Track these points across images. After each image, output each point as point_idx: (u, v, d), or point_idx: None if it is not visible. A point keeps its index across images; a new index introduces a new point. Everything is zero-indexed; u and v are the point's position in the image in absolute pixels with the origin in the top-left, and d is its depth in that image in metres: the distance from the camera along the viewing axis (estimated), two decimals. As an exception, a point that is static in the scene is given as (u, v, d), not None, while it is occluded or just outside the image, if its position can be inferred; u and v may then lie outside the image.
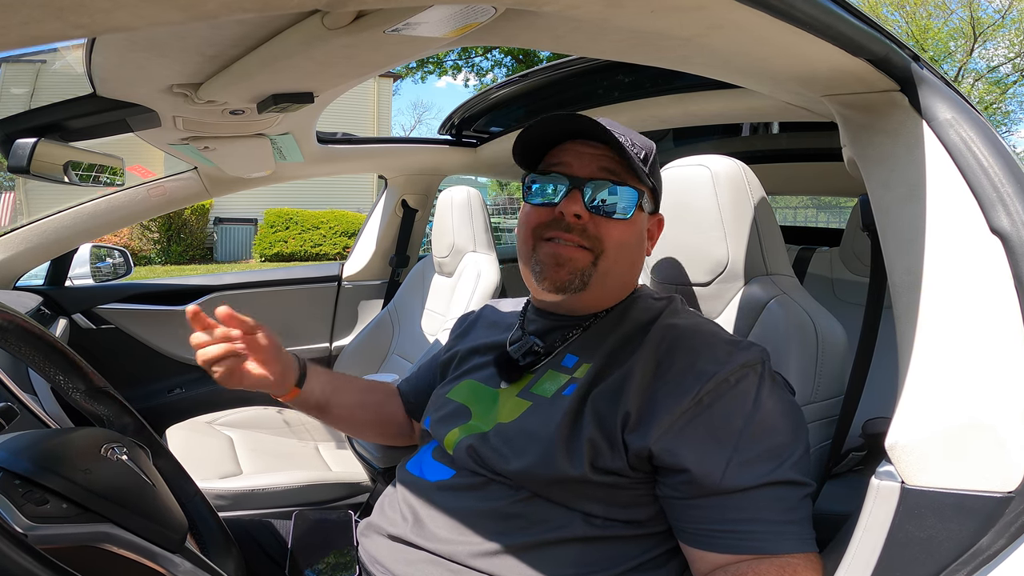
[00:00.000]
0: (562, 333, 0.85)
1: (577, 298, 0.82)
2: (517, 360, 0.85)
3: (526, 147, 0.83)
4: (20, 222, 1.77)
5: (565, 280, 0.79)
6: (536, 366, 0.84)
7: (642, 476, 0.73)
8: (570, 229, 0.79)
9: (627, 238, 0.81)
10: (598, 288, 0.81)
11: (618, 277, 0.84)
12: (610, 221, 0.79)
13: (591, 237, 0.79)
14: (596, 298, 0.84)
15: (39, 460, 0.62)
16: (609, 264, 0.80)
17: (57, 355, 0.74)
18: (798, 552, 0.66)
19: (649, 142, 0.86)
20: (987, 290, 0.61)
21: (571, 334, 0.85)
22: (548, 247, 0.80)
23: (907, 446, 0.60)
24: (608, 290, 0.84)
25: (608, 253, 0.80)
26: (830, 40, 0.60)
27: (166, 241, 11.98)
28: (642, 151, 0.83)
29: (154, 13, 0.31)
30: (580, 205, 0.78)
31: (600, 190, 0.79)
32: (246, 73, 0.86)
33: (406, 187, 2.28)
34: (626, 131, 0.83)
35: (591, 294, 0.82)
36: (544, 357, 0.84)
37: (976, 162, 0.64)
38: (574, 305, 0.85)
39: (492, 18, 0.62)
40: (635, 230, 0.82)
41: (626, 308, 0.85)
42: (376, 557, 0.81)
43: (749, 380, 0.72)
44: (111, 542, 0.61)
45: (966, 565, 0.57)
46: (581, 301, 0.83)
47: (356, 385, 1.06)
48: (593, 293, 0.82)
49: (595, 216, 0.79)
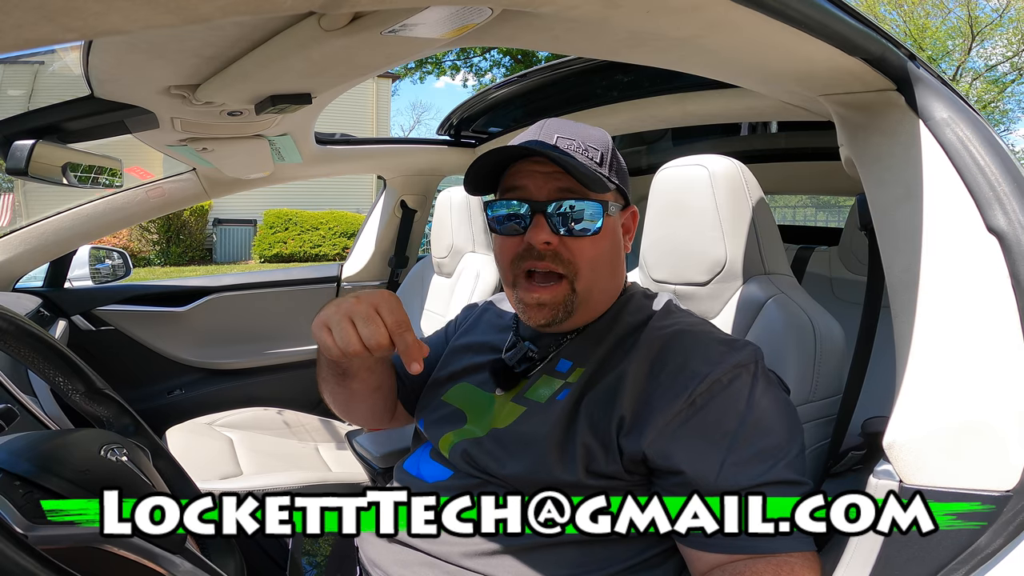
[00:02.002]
0: (555, 339, 0.85)
1: (574, 320, 0.82)
2: (512, 367, 0.85)
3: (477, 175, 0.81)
4: (19, 224, 1.77)
5: (549, 318, 0.80)
6: (531, 372, 0.84)
7: (638, 479, 0.73)
8: (543, 257, 0.77)
9: (600, 251, 0.80)
10: (584, 308, 0.82)
11: (601, 289, 0.83)
12: (580, 239, 0.78)
13: (564, 261, 0.78)
14: (584, 315, 0.84)
15: (39, 461, 0.62)
16: (587, 283, 0.80)
17: (57, 357, 0.74)
18: (795, 551, 0.66)
19: (603, 137, 0.82)
20: (984, 289, 0.62)
21: (564, 339, 0.85)
22: (527, 287, 0.79)
23: (905, 445, 0.60)
24: (595, 304, 0.84)
25: (583, 273, 0.79)
26: (826, 39, 0.60)
27: (165, 242, 11.98)
28: (598, 152, 0.80)
29: (146, 16, 0.32)
30: (546, 231, 0.76)
31: (563, 210, 0.76)
32: (244, 74, 0.86)
33: (405, 188, 2.28)
34: (576, 131, 0.81)
35: (579, 315, 0.82)
36: (539, 363, 0.84)
37: (973, 161, 0.65)
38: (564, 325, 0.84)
39: (488, 19, 0.62)
40: (607, 239, 0.81)
41: (618, 310, 0.85)
42: (374, 559, 0.81)
43: (742, 380, 0.72)
44: (111, 543, 0.61)
45: (964, 564, 0.57)
46: (570, 321, 0.83)
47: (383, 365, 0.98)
48: (580, 313, 0.82)
49: (564, 238, 0.77)
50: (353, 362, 0.84)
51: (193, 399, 2.07)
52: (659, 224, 1.04)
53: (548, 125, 0.82)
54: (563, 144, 0.78)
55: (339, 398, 0.94)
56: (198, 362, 2.12)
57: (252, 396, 2.11)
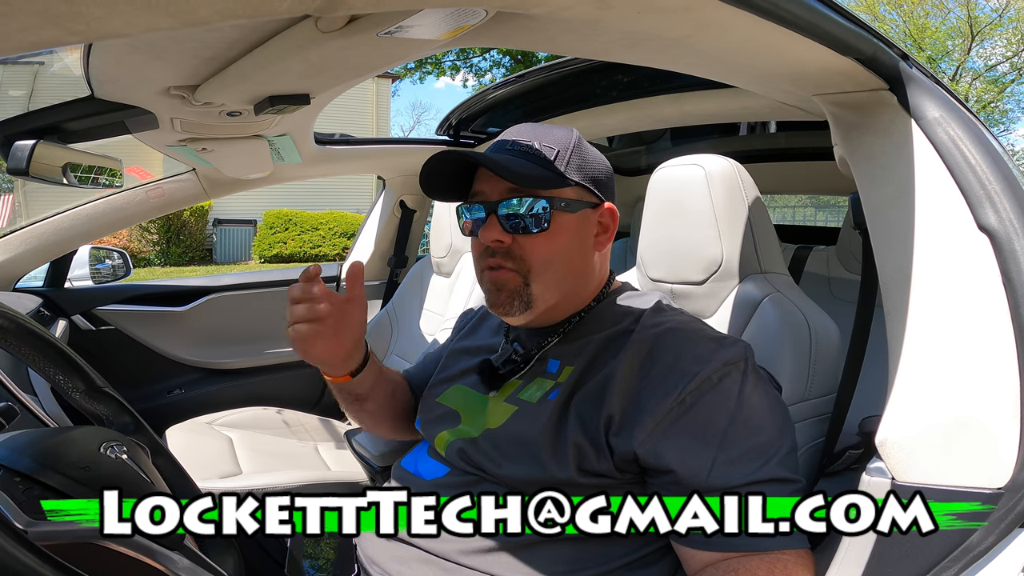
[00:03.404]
0: (538, 341, 0.86)
1: (533, 315, 0.82)
2: (498, 368, 0.85)
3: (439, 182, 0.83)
4: (19, 224, 1.78)
5: (506, 303, 0.80)
6: (517, 374, 0.85)
7: (630, 477, 0.74)
8: (494, 254, 0.80)
9: (555, 248, 0.79)
10: (548, 301, 0.81)
11: (564, 285, 0.82)
12: (531, 237, 0.79)
13: (515, 258, 0.79)
14: (555, 309, 0.83)
15: (39, 458, 0.63)
16: (541, 279, 0.80)
17: (57, 355, 0.75)
18: (789, 548, 0.67)
19: (566, 136, 0.82)
20: (975, 287, 0.62)
21: (547, 341, 0.85)
22: (488, 275, 0.82)
23: (897, 442, 0.61)
24: (563, 299, 0.83)
25: (535, 270, 0.79)
26: (817, 39, 0.60)
27: (165, 243, 11.98)
28: (552, 150, 0.80)
29: (147, 20, 0.32)
30: (498, 230, 0.78)
31: (513, 210, 0.78)
32: (242, 75, 0.86)
33: (404, 188, 2.29)
34: (536, 133, 0.81)
35: (546, 308, 0.82)
36: (523, 365, 0.84)
37: (964, 160, 0.65)
38: (541, 319, 0.84)
39: (483, 20, 0.63)
40: (564, 237, 0.80)
41: (606, 308, 0.85)
42: (371, 556, 0.82)
43: (732, 378, 0.72)
44: (111, 539, 0.61)
45: (957, 561, 0.57)
46: (542, 316, 0.83)
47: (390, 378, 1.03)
48: (547, 307, 0.82)
49: (516, 236, 0.79)
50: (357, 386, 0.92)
51: (193, 398, 2.08)
52: (656, 224, 1.05)
53: (511, 130, 0.84)
54: (518, 146, 0.80)
55: (365, 422, 1.03)
56: (198, 362, 2.12)
57: (252, 395, 2.11)
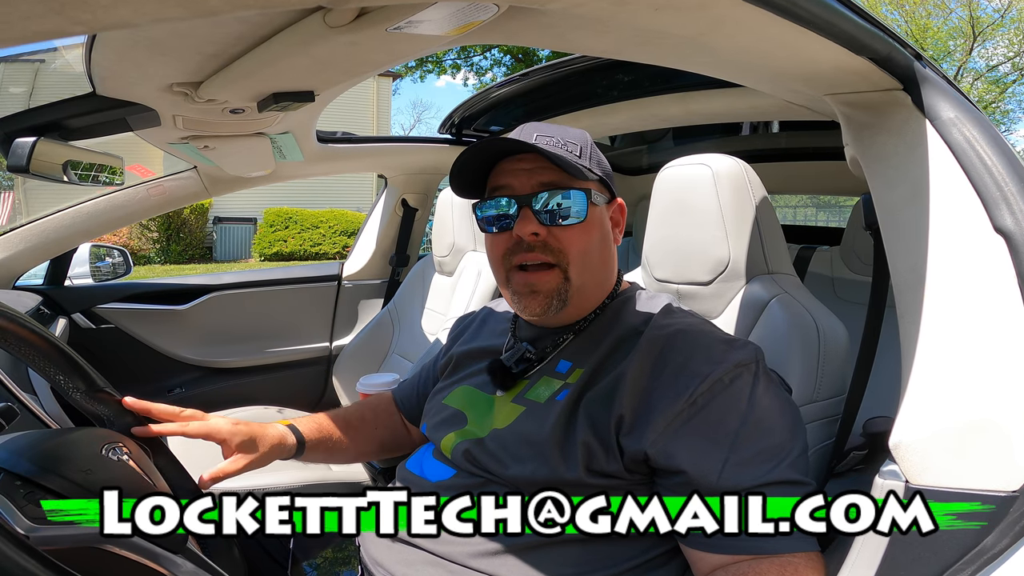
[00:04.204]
0: (553, 339, 0.85)
1: (569, 314, 0.83)
2: (510, 368, 0.85)
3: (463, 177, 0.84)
4: (19, 221, 1.77)
5: (544, 305, 0.80)
6: (529, 373, 0.84)
7: (639, 478, 0.73)
8: (532, 248, 0.79)
9: (589, 240, 0.81)
10: (578, 298, 0.82)
11: (594, 279, 0.84)
12: (567, 229, 0.79)
13: (554, 251, 0.79)
14: (579, 307, 0.84)
15: (40, 461, 0.62)
16: (580, 272, 0.80)
17: (57, 355, 0.74)
18: (799, 551, 0.66)
19: (582, 134, 0.85)
20: (991, 289, 0.61)
21: (562, 339, 0.85)
22: (520, 277, 0.81)
23: (911, 445, 0.60)
24: (589, 296, 0.84)
25: (575, 262, 0.80)
26: (832, 38, 0.60)
27: (165, 240, 11.98)
28: (576, 146, 0.82)
29: (155, 9, 0.31)
30: (534, 222, 0.78)
31: (548, 201, 0.78)
32: (247, 71, 0.85)
33: (406, 186, 2.28)
34: (555, 131, 0.83)
35: (573, 306, 0.83)
36: (536, 364, 0.84)
37: (980, 161, 0.64)
38: (560, 318, 0.85)
39: (494, 16, 0.62)
40: (595, 228, 0.82)
41: (618, 309, 0.85)
42: (376, 558, 0.81)
43: (743, 379, 0.72)
44: (112, 542, 0.60)
45: (970, 564, 0.56)
46: (566, 314, 0.84)
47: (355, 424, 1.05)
48: (574, 304, 0.83)
49: (552, 228, 0.79)
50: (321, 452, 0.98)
51: (193, 397, 2.07)
52: (662, 223, 1.04)
53: (527, 127, 0.84)
54: (542, 141, 0.80)
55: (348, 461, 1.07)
56: (198, 360, 2.11)
57: (252, 394, 2.10)
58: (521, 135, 0.82)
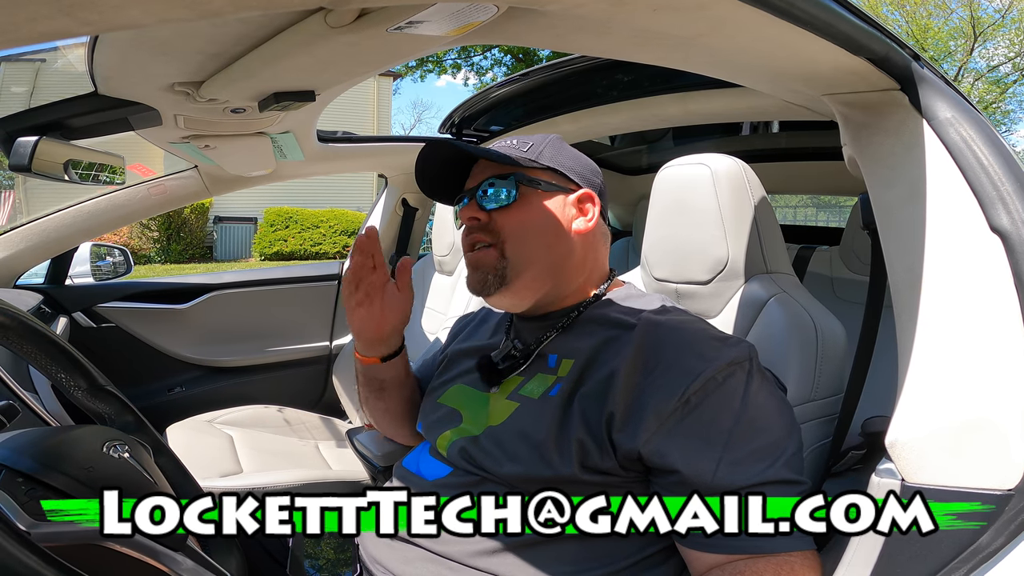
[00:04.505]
0: (537, 336, 0.86)
1: (514, 294, 0.84)
2: (496, 364, 0.86)
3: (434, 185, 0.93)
4: (20, 221, 1.77)
5: (482, 281, 0.85)
6: (517, 370, 0.85)
7: (634, 475, 0.73)
8: (472, 231, 0.86)
9: (525, 220, 0.84)
10: (526, 279, 0.83)
11: (542, 262, 0.84)
12: (503, 211, 0.84)
13: (491, 231, 0.84)
14: (546, 296, 0.86)
15: (42, 458, 0.62)
16: (517, 249, 0.83)
17: (59, 353, 0.74)
18: (795, 550, 0.66)
19: (546, 136, 0.91)
20: (987, 288, 0.62)
21: (546, 335, 0.85)
22: (468, 256, 0.88)
23: (907, 444, 0.60)
24: (542, 277, 0.84)
25: (510, 239, 0.83)
26: (830, 39, 0.60)
27: (166, 240, 11.98)
28: (528, 143, 0.88)
29: (162, 10, 0.31)
30: (474, 208, 0.86)
31: (485, 191, 0.85)
32: (248, 71, 0.86)
33: (406, 186, 2.28)
34: (518, 137, 0.90)
35: (525, 287, 0.84)
36: (523, 360, 0.84)
37: (976, 161, 0.65)
38: (535, 308, 0.86)
39: (494, 17, 0.62)
40: (535, 212, 0.85)
41: (607, 306, 0.85)
42: (375, 556, 0.81)
43: (737, 378, 0.71)
44: (114, 540, 0.61)
45: (966, 563, 0.57)
46: (537, 304, 0.86)
47: (412, 380, 1.07)
48: (527, 285, 0.84)
49: (491, 212, 0.85)
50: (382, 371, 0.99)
51: (194, 396, 2.08)
52: (661, 223, 1.04)
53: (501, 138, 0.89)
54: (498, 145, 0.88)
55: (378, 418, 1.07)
56: (199, 359, 2.12)
57: (252, 394, 2.11)
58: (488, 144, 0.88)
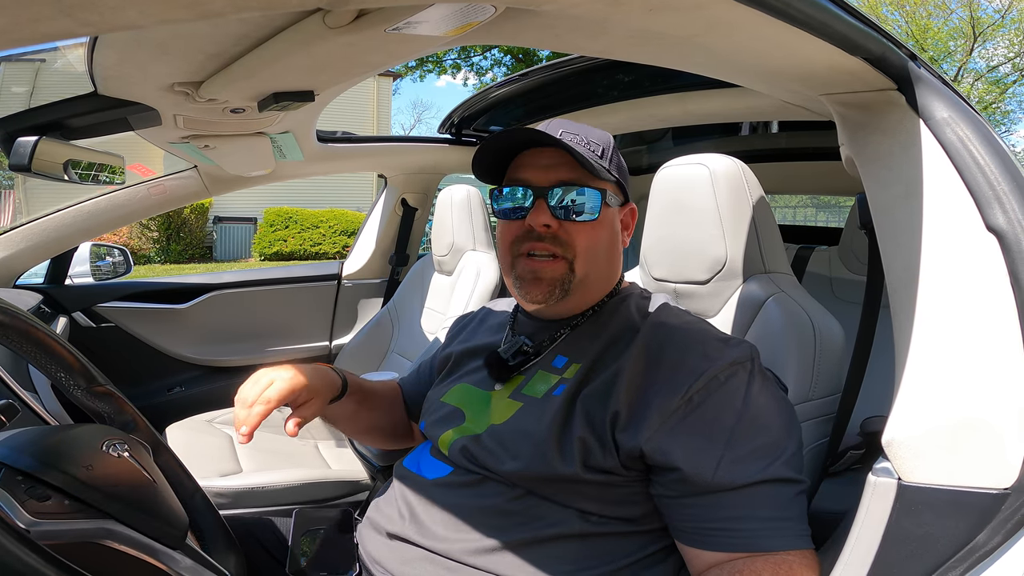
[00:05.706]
0: (550, 334, 0.86)
1: (562, 304, 0.83)
2: (507, 360, 0.86)
3: (484, 162, 0.86)
4: (20, 221, 1.77)
5: (546, 293, 0.81)
6: (526, 366, 0.85)
7: (635, 475, 0.73)
8: (541, 239, 0.80)
9: (597, 238, 0.82)
10: (581, 291, 0.83)
11: (598, 276, 0.85)
12: (578, 225, 0.80)
13: (563, 244, 0.80)
14: (580, 301, 0.85)
15: (41, 456, 0.62)
16: (585, 267, 0.81)
17: (58, 352, 0.74)
18: (793, 549, 0.66)
19: (605, 135, 0.86)
20: (983, 287, 0.62)
21: (559, 334, 0.85)
22: (525, 263, 0.82)
23: (904, 442, 0.61)
24: (591, 290, 0.85)
25: (581, 256, 0.81)
26: (826, 39, 0.60)
27: (165, 240, 11.96)
28: (599, 147, 0.83)
29: (162, 11, 0.32)
30: (547, 214, 0.79)
31: (563, 196, 0.80)
32: (247, 71, 0.86)
33: (406, 186, 2.28)
34: (580, 129, 0.84)
35: (575, 299, 0.83)
36: (533, 357, 0.85)
37: (972, 160, 0.65)
38: (559, 309, 0.86)
39: (492, 17, 0.62)
40: (605, 228, 0.83)
41: (614, 307, 0.86)
42: (374, 556, 0.81)
43: (739, 377, 0.72)
44: (113, 538, 0.61)
45: (963, 561, 0.57)
46: (566, 306, 0.85)
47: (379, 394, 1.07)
48: (576, 297, 0.83)
49: (563, 222, 0.80)
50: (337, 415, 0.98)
51: (193, 396, 2.08)
52: (660, 223, 1.04)
53: (553, 123, 0.85)
54: (567, 138, 0.81)
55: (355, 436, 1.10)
56: (198, 359, 2.12)
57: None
58: (548, 129, 0.83)
